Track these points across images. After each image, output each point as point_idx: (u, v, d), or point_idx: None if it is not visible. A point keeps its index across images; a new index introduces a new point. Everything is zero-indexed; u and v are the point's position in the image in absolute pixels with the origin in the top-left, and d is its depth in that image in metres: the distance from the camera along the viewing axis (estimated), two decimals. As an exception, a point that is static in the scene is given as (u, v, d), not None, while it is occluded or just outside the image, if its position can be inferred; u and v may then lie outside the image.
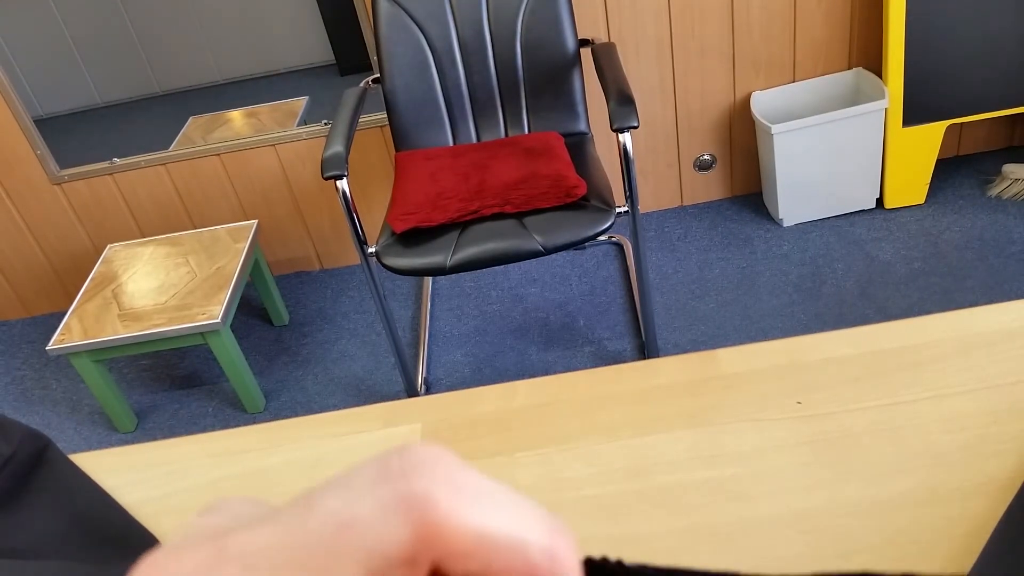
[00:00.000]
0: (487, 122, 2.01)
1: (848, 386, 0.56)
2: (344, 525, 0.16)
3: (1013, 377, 0.54)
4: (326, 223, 2.45)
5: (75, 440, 2.08)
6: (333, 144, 1.69)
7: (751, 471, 0.51)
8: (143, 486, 0.59)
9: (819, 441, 0.53)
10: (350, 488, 0.16)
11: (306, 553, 0.15)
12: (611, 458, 0.54)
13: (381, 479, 0.16)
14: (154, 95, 2.31)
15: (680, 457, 0.54)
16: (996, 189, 2.24)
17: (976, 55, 2.03)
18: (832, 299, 2.02)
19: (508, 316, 2.19)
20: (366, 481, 0.16)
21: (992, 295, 1.94)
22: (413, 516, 0.15)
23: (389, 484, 0.16)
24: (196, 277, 2.03)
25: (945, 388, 0.54)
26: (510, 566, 0.16)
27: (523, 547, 0.16)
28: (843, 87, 2.24)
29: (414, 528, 0.15)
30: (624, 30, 2.17)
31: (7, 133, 2.24)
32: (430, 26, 1.93)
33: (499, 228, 1.67)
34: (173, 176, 2.35)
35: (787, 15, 2.15)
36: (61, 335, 1.91)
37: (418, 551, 0.15)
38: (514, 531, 0.16)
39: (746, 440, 0.54)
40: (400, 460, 0.16)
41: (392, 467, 0.16)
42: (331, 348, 2.21)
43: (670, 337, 2.01)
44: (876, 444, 0.52)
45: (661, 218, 2.43)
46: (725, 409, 0.56)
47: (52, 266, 2.51)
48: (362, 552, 0.15)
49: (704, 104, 2.29)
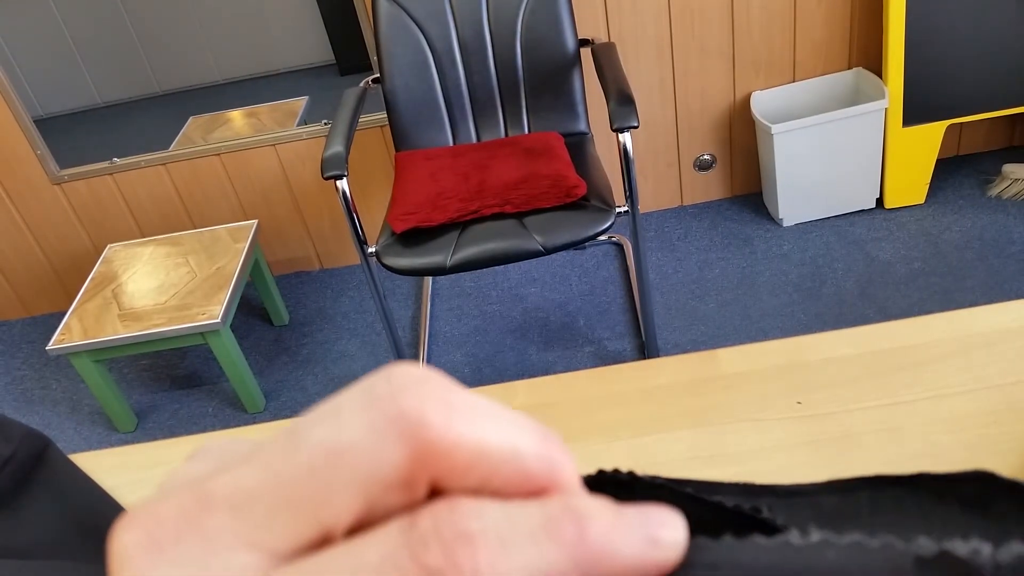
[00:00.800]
0: (487, 122, 2.01)
1: (848, 386, 0.56)
2: (334, 453, 0.15)
3: (1013, 377, 0.54)
4: (326, 223, 2.45)
5: (75, 440, 2.08)
6: (333, 144, 1.69)
7: (751, 471, 0.51)
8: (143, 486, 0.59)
9: (819, 441, 0.53)
10: (337, 415, 0.15)
11: (298, 487, 0.15)
12: (611, 458, 0.54)
13: (369, 403, 0.15)
14: (154, 95, 2.31)
15: (680, 457, 0.53)
16: (996, 189, 2.24)
17: (976, 55, 2.03)
18: (832, 299, 2.02)
19: (508, 316, 2.19)
20: (353, 406, 0.15)
21: (992, 295, 1.94)
22: (406, 436, 0.15)
23: (378, 406, 0.15)
24: (196, 277, 2.03)
25: (945, 388, 0.54)
26: (508, 477, 0.16)
27: (519, 456, 0.16)
28: (843, 87, 2.24)
29: (409, 448, 0.15)
30: (624, 30, 2.16)
31: (7, 133, 2.24)
32: (430, 26, 1.93)
33: (499, 228, 1.67)
34: (173, 176, 2.35)
35: (787, 15, 2.15)
36: (61, 335, 1.91)
37: (415, 471, 0.15)
38: (509, 441, 0.16)
39: (746, 440, 0.54)
40: (387, 383, 0.16)
41: (379, 390, 0.15)
42: (331, 348, 2.21)
43: (670, 337, 2.01)
44: (876, 444, 0.52)
45: (661, 218, 2.43)
46: (725, 409, 0.56)
47: (52, 266, 2.51)
48: (357, 479, 0.15)
49: (704, 104, 2.29)
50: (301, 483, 0.15)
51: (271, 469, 0.15)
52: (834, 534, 0.16)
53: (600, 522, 0.15)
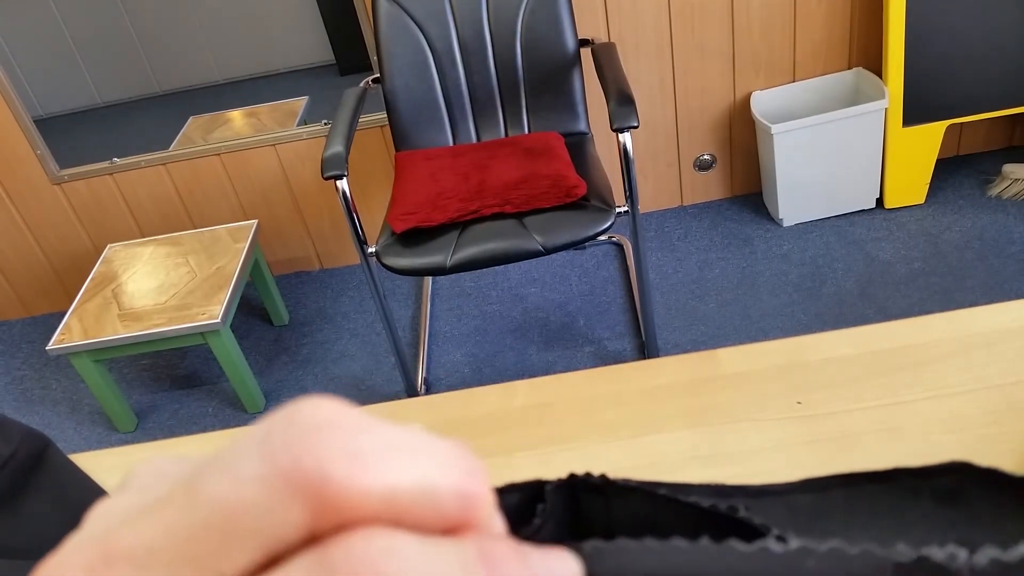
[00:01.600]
0: (487, 122, 2.01)
1: (848, 386, 0.56)
2: (231, 512, 0.14)
3: (1013, 377, 0.54)
4: (326, 223, 2.45)
5: (75, 440, 2.08)
6: (333, 144, 1.69)
7: (751, 471, 0.51)
8: (143, 486, 0.59)
9: (819, 441, 0.53)
10: (233, 468, 0.15)
11: (196, 544, 0.15)
12: (611, 458, 0.54)
13: (265, 455, 0.15)
14: (154, 95, 2.31)
15: (680, 457, 0.53)
16: (996, 189, 2.24)
17: (976, 55, 2.03)
18: (832, 299, 2.02)
19: (508, 316, 2.19)
20: (249, 459, 0.15)
21: (992, 295, 1.94)
22: (305, 494, 0.14)
23: (274, 460, 0.15)
24: (196, 277, 2.03)
25: (945, 388, 0.54)
26: (421, 516, 0.15)
27: (433, 496, 0.15)
28: (843, 87, 2.24)
29: (308, 507, 0.14)
30: (624, 30, 2.16)
31: (7, 133, 2.24)
32: (430, 26, 1.93)
33: (499, 228, 1.67)
34: (173, 176, 2.35)
35: (787, 15, 2.15)
36: (61, 335, 1.91)
37: (318, 527, 0.15)
38: (422, 481, 0.15)
39: (746, 440, 0.54)
40: (285, 430, 0.15)
41: (276, 439, 0.15)
42: (331, 348, 2.21)
43: (670, 337, 2.01)
44: (876, 444, 0.52)
45: (661, 218, 2.43)
46: (725, 409, 0.56)
47: (52, 266, 2.51)
48: (255, 538, 0.14)
49: (704, 104, 2.29)
50: (199, 540, 0.15)
51: (170, 525, 0.15)
52: (813, 540, 0.16)
53: (510, 568, 0.16)
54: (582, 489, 0.20)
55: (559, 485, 0.20)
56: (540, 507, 0.20)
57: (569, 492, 0.20)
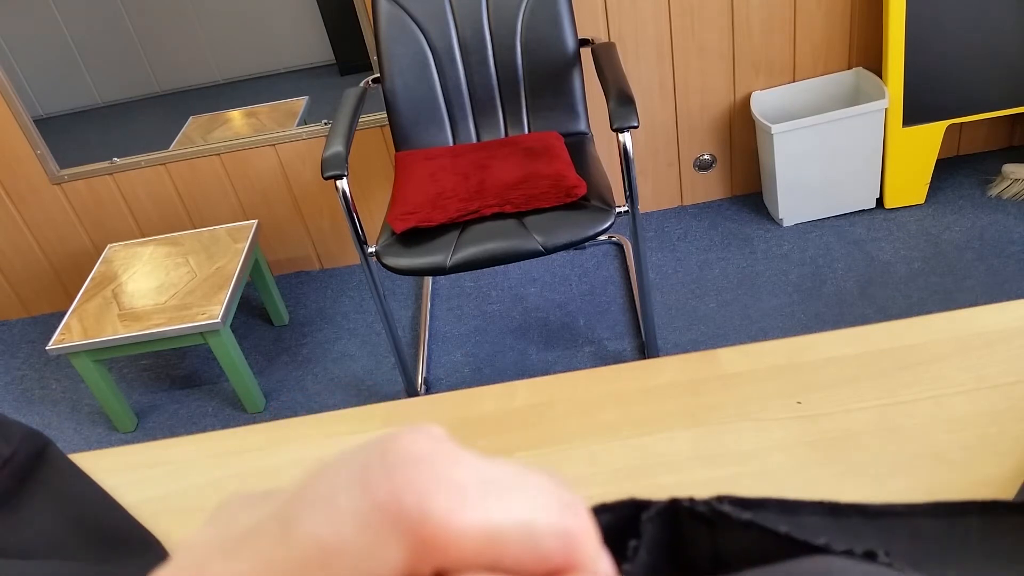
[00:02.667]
0: (487, 122, 2.01)
1: (848, 386, 0.56)
2: (329, 553, 0.14)
3: (1013, 377, 0.54)
4: (326, 223, 2.45)
5: (75, 440, 2.08)
6: (333, 144, 1.69)
7: (751, 471, 0.51)
8: (143, 486, 0.59)
9: (819, 441, 0.53)
10: (331, 504, 0.14)
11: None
12: (611, 458, 0.54)
13: (364, 491, 0.14)
14: (154, 95, 2.31)
15: (680, 457, 0.53)
16: (996, 189, 2.24)
17: (976, 55, 2.03)
18: (832, 299, 2.02)
19: (508, 316, 2.19)
20: (348, 495, 0.14)
21: (992, 295, 1.94)
22: (405, 532, 0.14)
23: (373, 498, 0.14)
24: (196, 277, 2.03)
25: (945, 388, 0.54)
26: (521, 558, 0.15)
27: (533, 536, 0.15)
28: (843, 87, 2.24)
29: (409, 546, 0.14)
30: (624, 30, 2.16)
31: (7, 133, 2.24)
32: (430, 26, 1.93)
33: (499, 228, 1.67)
34: (173, 176, 2.35)
35: (787, 15, 2.15)
36: (61, 335, 1.91)
37: (416, 568, 0.14)
38: (521, 521, 0.15)
39: (746, 440, 0.54)
40: (383, 465, 0.15)
41: (374, 475, 0.14)
42: (331, 348, 2.21)
43: (670, 337, 2.01)
44: (876, 444, 0.52)
45: (661, 218, 2.43)
46: (725, 409, 0.56)
47: (52, 266, 2.51)
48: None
49: (704, 104, 2.29)
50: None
51: (266, 560, 0.14)
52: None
53: None
54: (686, 517, 0.19)
55: (658, 512, 0.19)
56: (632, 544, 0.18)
57: (670, 518, 0.19)
